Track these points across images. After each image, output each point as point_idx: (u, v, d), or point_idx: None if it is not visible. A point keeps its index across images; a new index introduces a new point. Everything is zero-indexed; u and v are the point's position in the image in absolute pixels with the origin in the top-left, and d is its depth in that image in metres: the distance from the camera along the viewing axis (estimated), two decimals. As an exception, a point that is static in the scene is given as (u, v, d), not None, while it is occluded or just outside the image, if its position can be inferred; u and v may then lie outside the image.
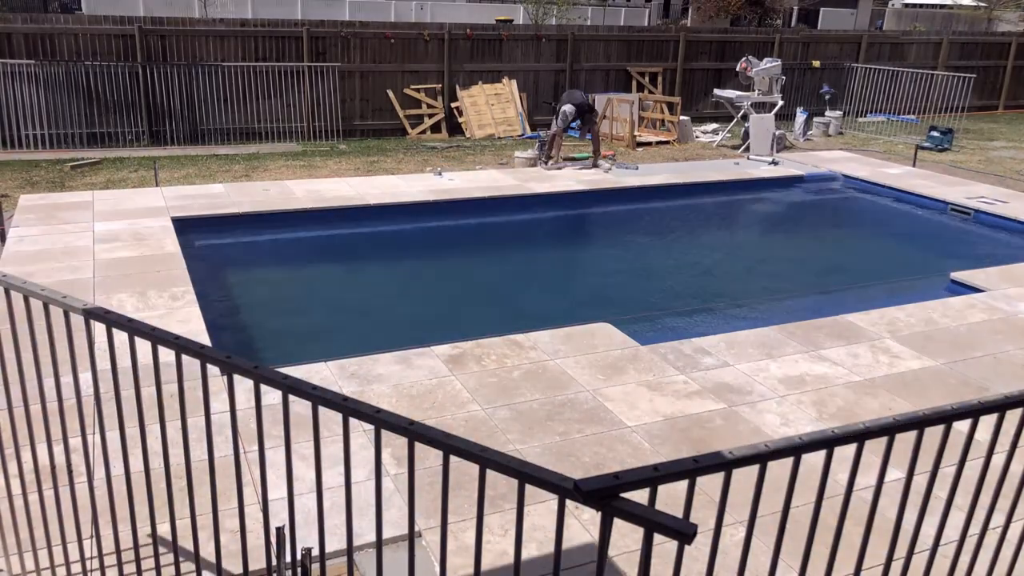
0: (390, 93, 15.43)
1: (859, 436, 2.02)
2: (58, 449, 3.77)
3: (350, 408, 2.05)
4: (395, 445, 4.45)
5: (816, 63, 18.94)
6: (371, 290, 8.37)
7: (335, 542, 3.66)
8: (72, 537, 3.34)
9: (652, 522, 1.62)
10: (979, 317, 6.82)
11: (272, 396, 4.60)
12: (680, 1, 41.98)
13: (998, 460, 3.58)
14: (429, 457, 4.24)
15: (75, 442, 4.04)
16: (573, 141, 15.48)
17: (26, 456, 3.35)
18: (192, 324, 6.13)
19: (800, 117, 16.32)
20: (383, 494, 4.05)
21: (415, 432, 1.94)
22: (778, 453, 1.90)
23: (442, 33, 15.63)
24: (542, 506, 3.99)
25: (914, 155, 14.08)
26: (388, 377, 5.37)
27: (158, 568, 3.02)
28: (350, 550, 2.28)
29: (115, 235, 8.21)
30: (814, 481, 2.25)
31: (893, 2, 43.43)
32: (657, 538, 1.64)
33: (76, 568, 3.31)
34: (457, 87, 15.85)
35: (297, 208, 9.62)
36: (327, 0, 29.86)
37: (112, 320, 2.40)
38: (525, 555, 3.62)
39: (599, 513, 1.67)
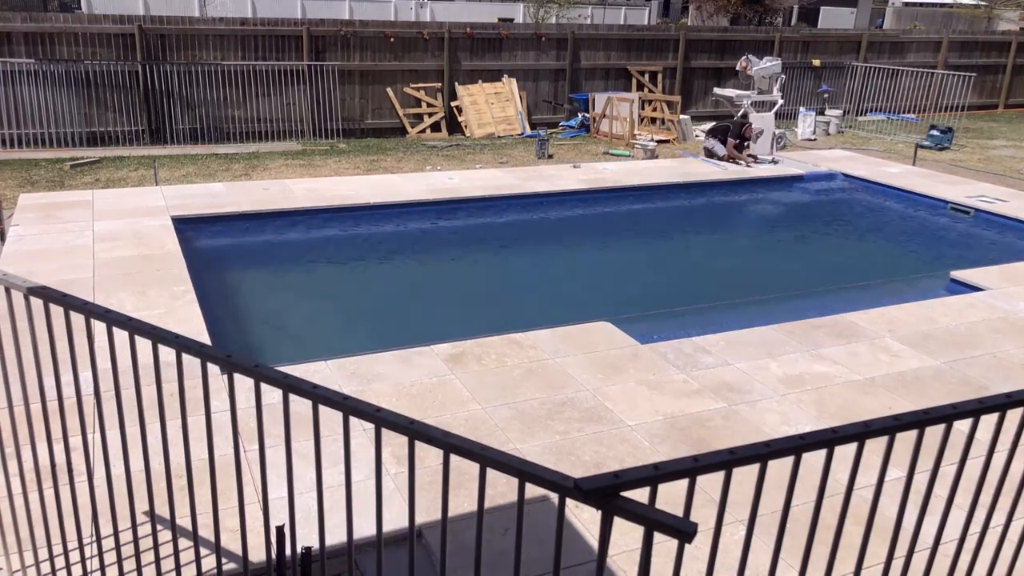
0: (390, 92, 15.43)
1: (859, 435, 2.02)
2: (58, 448, 3.77)
3: (350, 407, 2.05)
4: (395, 444, 4.45)
5: (816, 62, 18.95)
6: (371, 289, 8.37)
7: (335, 541, 3.66)
8: (72, 535, 3.34)
9: (652, 521, 1.62)
10: (979, 316, 6.82)
11: (272, 395, 4.60)
12: (680, 0, 41.95)
13: (999, 459, 3.58)
14: (429, 456, 4.25)
15: (75, 441, 4.04)
16: (575, 141, 15.49)
17: (26, 455, 3.36)
18: (192, 323, 6.13)
19: (809, 117, 16.28)
20: (383, 493, 4.05)
21: (415, 431, 1.94)
22: (778, 452, 1.90)
23: (442, 32, 15.62)
24: (542, 505, 3.99)
25: (914, 154, 14.08)
26: (388, 376, 5.37)
27: (158, 567, 3.02)
28: (350, 549, 2.28)
29: (115, 234, 8.21)
30: (814, 480, 2.25)
31: (893, 1, 43.41)
32: (657, 537, 1.64)
33: (76, 567, 3.31)
34: (457, 86, 15.85)
35: (297, 207, 9.62)
36: (327, -1, 29.80)
37: (112, 319, 2.40)
38: (525, 554, 3.62)
39: (599, 512, 1.67)
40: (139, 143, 13.75)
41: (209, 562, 3.29)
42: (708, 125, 16.73)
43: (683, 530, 1.60)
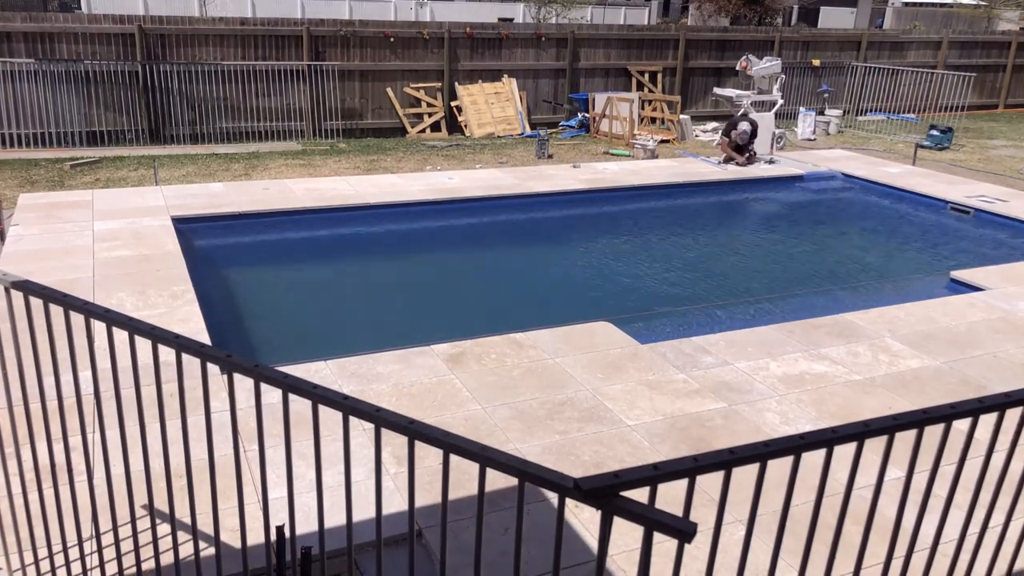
0: (390, 92, 15.43)
1: (859, 435, 2.02)
2: (58, 448, 3.77)
3: (350, 407, 2.05)
4: (395, 444, 4.46)
5: (816, 62, 18.96)
6: (370, 289, 8.37)
7: (335, 541, 3.66)
8: (72, 536, 3.34)
9: (652, 521, 1.62)
10: (979, 316, 6.83)
11: (272, 395, 4.61)
12: (680, 0, 41.95)
13: (998, 459, 3.59)
14: (429, 456, 4.25)
15: (75, 441, 4.04)
16: (576, 140, 15.49)
17: (26, 455, 3.36)
18: (192, 323, 6.13)
19: (809, 117, 16.30)
20: (383, 493, 4.06)
21: (415, 431, 1.94)
22: (778, 452, 1.90)
23: (442, 32, 15.62)
24: (542, 505, 3.99)
25: (914, 154, 14.08)
26: (388, 376, 5.37)
27: (158, 567, 3.02)
28: (350, 549, 2.28)
29: (115, 234, 8.21)
30: (814, 480, 2.25)
31: (893, 1, 43.39)
32: (657, 537, 1.65)
33: (76, 567, 3.31)
34: (457, 86, 15.85)
35: (297, 207, 9.62)
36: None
37: (112, 319, 2.40)
38: (525, 554, 3.62)
39: (599, 512, 1.67)
40: (139, 143, 13.75)
41: (209, 562, 3.29)
42: (710, 125, 16.77)
43: (683, 530, 1.60)
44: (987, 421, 2.40)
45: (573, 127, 16.40)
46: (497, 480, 4.02)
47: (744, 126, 12.77)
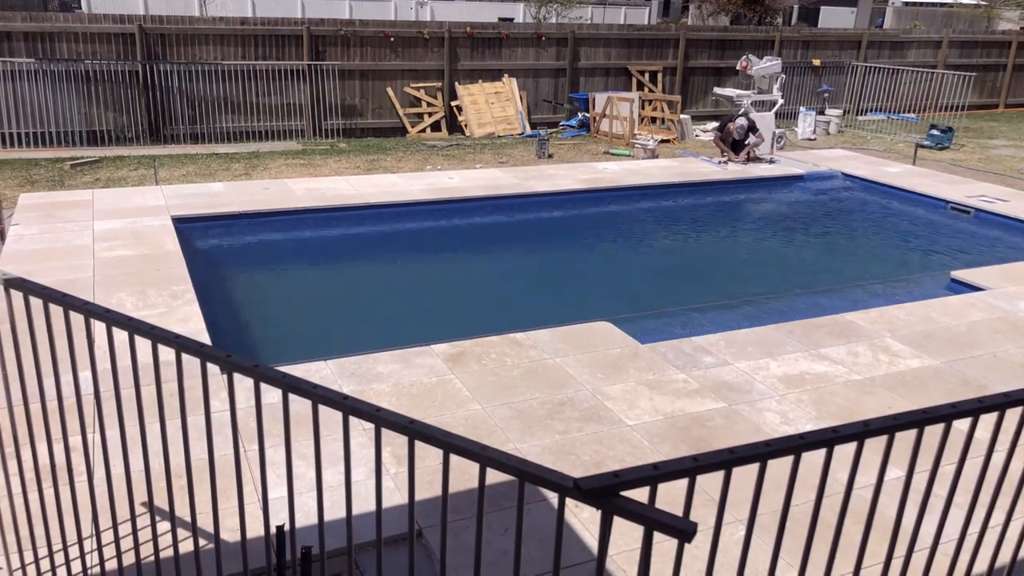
0: (390, 92, 15.43)
1: (859, 435, 2.02)
2: (58, 448, 3.77)
3: (350, 407, 2.05)
4: (395, 444, 4.46)
5: (816, 61, 18.95)
6: (370, 288, 8.37)
7: (335, 540, 3.66)
8: (72, 536, 3.34)
9: (652, 520, 1.62)
10: (979, 316, 6.82)
11: (272, 395, 4.61)
12: (680, 0, 41.94)
13: (998, 459, 3.59)
14: (429, 456, 4.25)
15: (75, 441, 4.04)
16: (576, 140, 15.48)
17: (26, 455, 3.36)
18: (192, 323, 6.13)
19: (809, 117, 16.29)
20: (383, 493, 4.05)
21: (415, 431, 1.94)
22: (778, 452, 1.90)
23: (442, 31, 15.62)
24: (542, 505, 3.99)
25: (914, 153, 14.08)
26: (388, 376, 5.37)
27: (158, 567, 3.02)
28: (350, 549, 2.28)
29: (115, 234, 8.21)
30: (814, 480, 2.25)
31: (893, 0, 43.37)
32: (657, 537, 1.65)
33: (76, 566, 3.31)
34: (457, 85, 15.85)
35: (297, 207, 9.62)
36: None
37: (112, 319, 2.40)
38: (525, 554, 3.62)
39: (599, 512, 1.67)
40: (139, 142, 13.75)
41: (209, 561, 3.29)
42: (710, 125, 16.76)
43: (683, 530, 1.60)
44: (987, 421, 2.40)
45: (573, 127, 16.39)
46: (497, 480, 4.03)
47: (741, 120, 12.81)
